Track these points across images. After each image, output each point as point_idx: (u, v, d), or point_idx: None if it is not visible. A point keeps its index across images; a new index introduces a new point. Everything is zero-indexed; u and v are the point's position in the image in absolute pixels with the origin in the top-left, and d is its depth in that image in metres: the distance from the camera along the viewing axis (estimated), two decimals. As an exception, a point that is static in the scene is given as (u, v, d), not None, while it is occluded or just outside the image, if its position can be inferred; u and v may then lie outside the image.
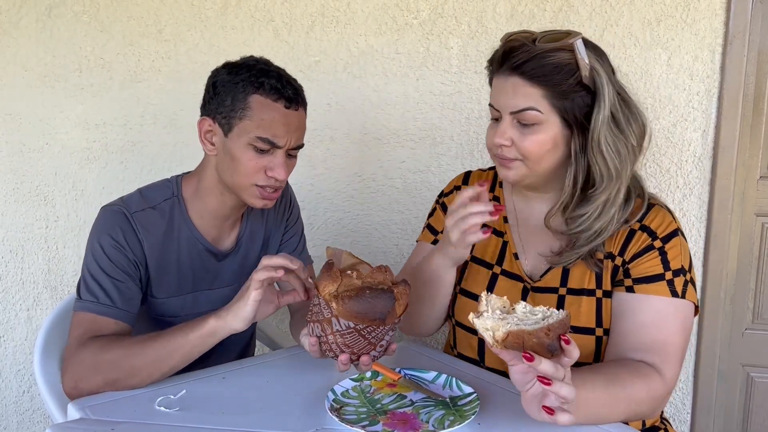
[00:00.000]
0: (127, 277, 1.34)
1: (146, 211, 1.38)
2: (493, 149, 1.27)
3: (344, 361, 1.11)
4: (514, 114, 1.22)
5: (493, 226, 1.19)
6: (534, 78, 1.20)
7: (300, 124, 1.35)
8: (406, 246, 2.18)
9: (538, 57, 1.20)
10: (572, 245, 1.28)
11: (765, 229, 2.05)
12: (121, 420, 1.10)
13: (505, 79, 1.23)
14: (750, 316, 2.09)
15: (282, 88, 1.30)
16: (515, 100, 1.21)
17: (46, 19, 2.13)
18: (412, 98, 2.11)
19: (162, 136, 2.18)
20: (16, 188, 2.22)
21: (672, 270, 1.22)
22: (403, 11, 2.07)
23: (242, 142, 1.30)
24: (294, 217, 1.60)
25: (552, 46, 1.20)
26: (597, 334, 1.27)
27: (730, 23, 1.93)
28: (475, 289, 1.38)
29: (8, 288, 2.27)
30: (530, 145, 1.22)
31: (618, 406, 1.11)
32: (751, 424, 2.15)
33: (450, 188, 1.50)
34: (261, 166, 1.31)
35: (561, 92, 1.20)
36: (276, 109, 1.30)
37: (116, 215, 1.36)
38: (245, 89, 1.29)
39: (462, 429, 1.05)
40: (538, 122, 1.21)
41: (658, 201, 1.31)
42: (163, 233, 1.39)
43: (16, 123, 2.19)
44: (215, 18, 2.11)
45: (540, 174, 1.26)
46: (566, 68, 1.20)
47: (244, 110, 1.29)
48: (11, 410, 2.34)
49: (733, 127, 1.97)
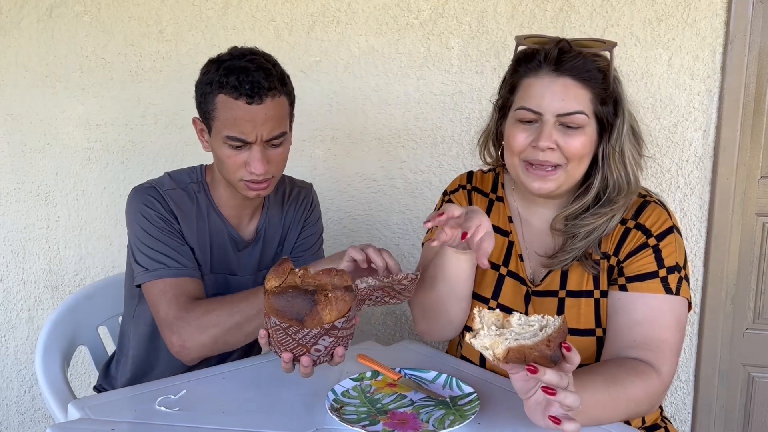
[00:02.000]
0: (179, 239, 1.40)
1: (177, 191, 1.44)
2: (529, 153, 1.23)
3: (286, 360, 1.08)
4: (562, 116, 1.20)
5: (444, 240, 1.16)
6: (586, 80, 1.20)
7: (269, 116, 1.32)
8: (407, 246, 2.18)
9: (589, 60, 1.20)
10: (566, 245, 1.29)
11: (766, 229, 2.04)
12: (121, 420, 1.10)
13: (552, 80, 1.20)
14: (751, 316, 2.09)
15: (240, 86, 1.29)
16: (566, 102, 1.19)
17: (47, 19, 2.14)
18: (413, 98, 2.11)
19: (163, 137, 2.18)
20: (18, 188, 2.22)
21: (666, 267, 1.22)
22: (403, 11, 2.07)
23: (219, 141, 1.35)
24: (314, 218, 1.62)
25: (594, 50, 1.21)
26: (597, 335, 1.27)
27: (731, 23, 1.93)
28: (484, 291, 1.36)
29: (9, 288, 2.27)
30: (576, 147, 1.21)
31: (618, 406, 1.11)
32: (752, 424, 2.14)
33: (455, 186, 1.47)
34: (240, 162, 1.35)
35: (603, 97, 1.22)
36: (238, 107, 1.30)
37: (150, 190, 1.42)
38: (212, 90, 1.33)
39: (462, 429, 1.05)
40: (583, 125, 1.21)
41: (653, 198, 1.31)
42: (195, 213, 1.44)
43: (17, 123, 2.19)
44: (216, 18, 2.11)
45: (574, 181, 1.26)
46: (605, 73, 1.21)
47: (214, 111, 1.34)
48: (12, 410, 2.35)
49: (733, 127, 1.97)
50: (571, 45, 1.21)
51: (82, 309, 1.63)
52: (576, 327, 1.27)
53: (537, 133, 1.21)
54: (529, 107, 1.22)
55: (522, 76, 1.25)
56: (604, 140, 1.25)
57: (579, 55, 1.20)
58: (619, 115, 1.24)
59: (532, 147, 1.22)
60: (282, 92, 1.35)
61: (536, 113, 1.21)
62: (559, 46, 1.21)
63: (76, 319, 1.61)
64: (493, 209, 1.41)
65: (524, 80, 1.24)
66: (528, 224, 1.36)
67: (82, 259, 2.25)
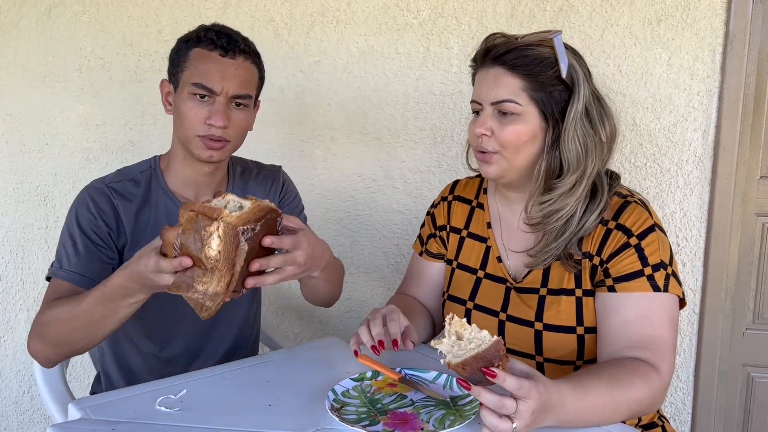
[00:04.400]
0: (94, 245, 1.37)
1: (122, 182, 1.45)
2: (474, 141, 1.31)
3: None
4: (495, 104, 1.26)
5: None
6: (515, 68, 1.25)
7: (238, 73, 1.38)
8: (407, 246, 2.18)
9: (520, 49, 1.26)
10: (543, 243, 1.31)
11: (765, 229, 2.04)
12: (121, 420, 1.10)
13: (486, 72, 1.29)
14: (750, 316, 2.09)
15: (217, 39, 1.37)
16: (496, 90, 1.26)
17: (46, 19, 2.13)
18: (413, 98, 2.11)
19: (162, 137, 2.18)
20: (16, 188, 2.22)
21: (651, 265, 1.23)
22: (403, 11, 2.07)
23: (185, 94, 1.38)
24: (290, 197, 1.63)
25: (532, 40, 1.26)
26: (578, 333, 1.29)
27: (731, 23, 1.93)
28: (461, 294, 1.43)
29: (8, 288, 2.27)
30: (509, 135, 1.26)
31: (620, 408, 1.11)
32: (751, 424, 2.15)
33: (438, 199, 1.55)
34: (202, 115, 1.36)
35: (540, 84, 1.25)
36: (211, 58, 1.36)
37: (91, 188, 1.43)
38: (188, 46, 1.40)
39: (462, 429, 1.05)
40: (517, 113, 1.26)
41: (635, 197, 1.32)
42: (140, 202, 1.44)
43: (16, 123, 2.19)
44: (215, 18, 2.11)
45: (518, 168, 1.29)
46: (546, 61, 1.25)
47: (185, 62, 1.39)
48: (11, 410, 2.34)
49: (733, 127, 1.97)
50: (508, 38, 1.28)
51: (82, 309, 1.62)
52: (556, 323, 1.30)
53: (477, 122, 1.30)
54: (473, 98, 1.32)
55: (474, 71, 1.35)
56: (550, 128, 1.27)
57: (508, 45, 1.27)
58: (571, 102, 1.26)
59: (475, 135, 1.30)
60: (254, 62, 1.42)
61: (478, 103, 1.30)
62: (488, 40, 1.29)
63: (75, 320, 1.60)
64: (473, 216, 1.47)
65: (476, 75, 1.34)
66: (508, 223, 1.41)
67: (81, 260, 2.25)
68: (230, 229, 1.00)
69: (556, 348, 1.30)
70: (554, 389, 1.01)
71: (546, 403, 0.98)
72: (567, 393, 1.03)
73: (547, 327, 1.30)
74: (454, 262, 1.46)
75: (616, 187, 1.32)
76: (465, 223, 1.47)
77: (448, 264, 1.48)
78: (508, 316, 1.35)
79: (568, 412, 1.03)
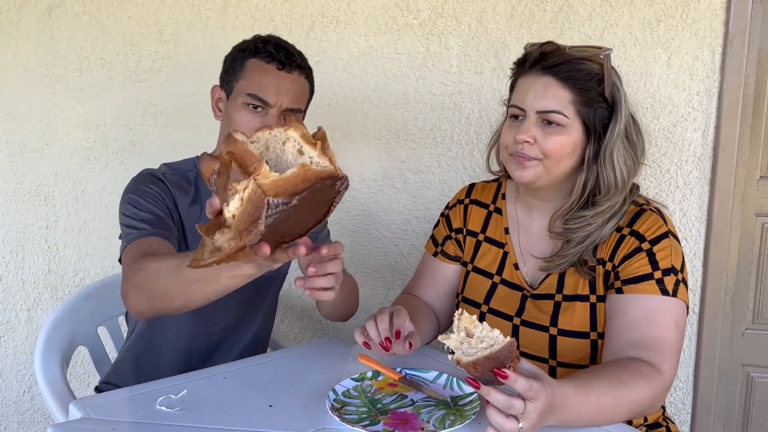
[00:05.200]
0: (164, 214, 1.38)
1: (176, 176, 1.47)
2: (512, 146, 1.30)
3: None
4: (541, 113, 1.26)
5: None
6: (567, 80, 1.25)
7: (293, 87, 1.40)
8: (406, 246, 2.18)
9: (573, 62, 1.26)
10: (562, 249, 1.32)
11: (765, 229, 2.05)
12: (122, 420, 1.10)
13: (535, 79, 1.28)
14: (750, 316, 2.09)
15: (276, 52, 1.39)
16: (545, 100, 1.26)
17: (46, 19, 2.13)
18: (412, 98, 2.11)
19: (162, 137, 2.18)
20: (17, 188, 2.22)
21: (661, 269, 1.24)
22: (403, 11, 2.07)
23: (238, 103, 1.39)
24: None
25: (586, 54, 1.27)
26: (592, 338, 1.30)
27: (730, 23, 1.93)
28: (476, 296, 1.43)
29: (8, 288, 2.27)
30: (553, 145, 1.26)
31: (622, 408, 1.12)
32: (751, 424, 2.15)
33: (454, 201, 1.54)
34: (253, 126, 1.36)
35: (588, 99, 1.26)
36: (268, 70, 1.39)
37: (148, 176, 1.44)
38: (245, 56, 1.41)
39: (463, 429, 1.05)
40: (563, 124, 1.26)
41: (651, 205, 1.33)
42: (192, 198, 1.46)
43: (16, 123, 2.19)
44: (215, 18, 2.11)
45: (554, 177, 1.30)
46: (595, 78, 1.26)
47: (241, 72, 1.40)
48: (11, 410, 2.34)
49: (733, 127, 1.97)
50: (559, 47, 1.28)
51: (82, 309, 1.63)
52: (570, 329, 1.30)
53: (520, 128, 1.29)
54: (515, 104, 1.31)
55: (516, 77, 1.34)
56: (591, 143, 1.28)
57: (562, 56, 1.26)
58: (613, 120, 1.27)
59: (515, 140, 1.29)
60: (308, 77, 1.45)
61: (521, 109, 1.29)
62: (542, 47, 1.28)
63: (75, 320, 1.61)
64: (491, 221, 1.46)
65: (517, 81, 1.33)
66: (527, 230, 1.41)
67: (82, 260, 2.25)
68: (257, 197, 0.80)
69: (569, 352, 1.31)
70: (558, 390, 1.01)
71: (551, 404, 0.99)
72: (570, 393, 1.04)
73: (561, 332, 1.30)
74: (469, 264, 1.47)
75: (635, 196, 1.34)
76: (482, 227, 1.47)
77: (464, 266, 1.48)
78: (523, 321, 1.35)
79: (571, 412, 1.04)
